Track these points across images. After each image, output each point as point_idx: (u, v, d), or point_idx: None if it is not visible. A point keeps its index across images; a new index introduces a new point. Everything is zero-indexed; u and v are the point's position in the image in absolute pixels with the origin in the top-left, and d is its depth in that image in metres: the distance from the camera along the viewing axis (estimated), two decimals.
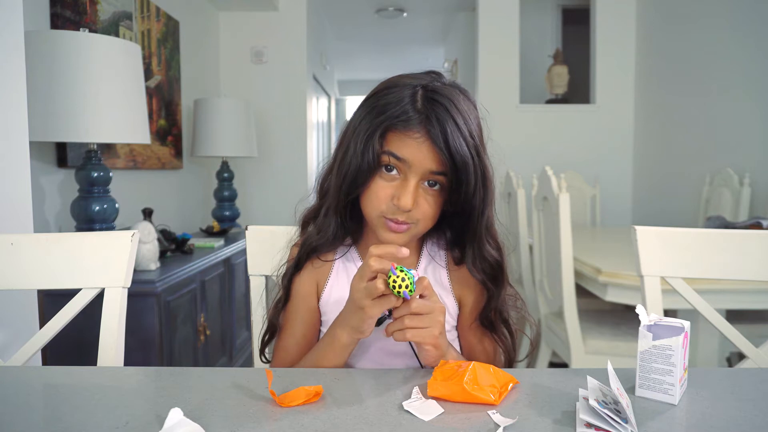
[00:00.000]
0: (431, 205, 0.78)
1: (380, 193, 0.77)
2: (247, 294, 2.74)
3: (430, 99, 0.74)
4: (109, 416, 0.59)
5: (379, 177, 0.77)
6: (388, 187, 0.77)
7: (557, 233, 1.87)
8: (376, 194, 0.77)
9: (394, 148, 0.75)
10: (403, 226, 0.77)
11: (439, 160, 0.74)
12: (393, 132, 0.75)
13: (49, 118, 1.56)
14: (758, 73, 2.58)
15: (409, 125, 0.74)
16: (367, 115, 0.77)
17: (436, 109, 0.73)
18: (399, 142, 0.75)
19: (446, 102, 0.74)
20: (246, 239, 1.03)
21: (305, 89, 3.86)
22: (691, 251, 0.94)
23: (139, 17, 2.56)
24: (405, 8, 5.01)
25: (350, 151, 0.78)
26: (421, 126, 0.74)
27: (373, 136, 0.75)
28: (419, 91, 0.75)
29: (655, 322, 0.64)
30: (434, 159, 0.74)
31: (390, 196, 0.76)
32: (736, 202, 2.59)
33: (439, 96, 0.74)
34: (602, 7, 3.90)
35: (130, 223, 2.15)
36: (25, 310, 1.23)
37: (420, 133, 0.74)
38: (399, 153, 0.75)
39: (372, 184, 0.78)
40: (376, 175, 0.77)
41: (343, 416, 0.58)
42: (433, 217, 0.79)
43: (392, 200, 0.76)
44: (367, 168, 0.76)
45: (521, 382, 0.67)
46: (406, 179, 0.75)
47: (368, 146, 0.75)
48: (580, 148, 3.91)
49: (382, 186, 0.77)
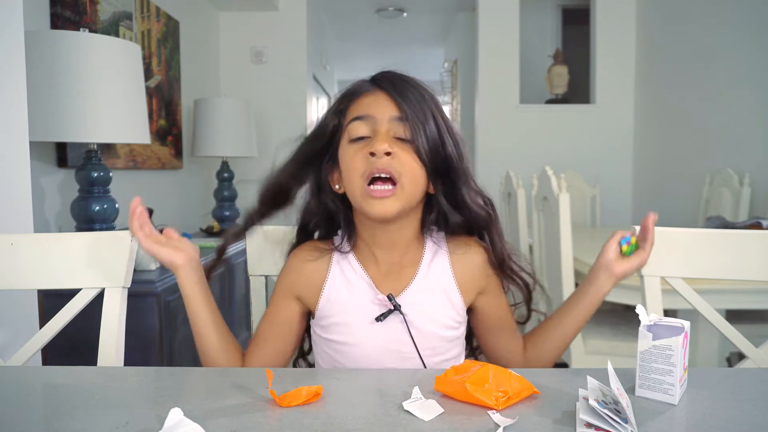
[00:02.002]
0: (411, 158, 0.76)
1: (355, 156, 0.77)
2: (247, 294, 2.74)
3: (381, 72, 0.82)
4: (109, 416, 0.59)
5: (349, 148, 0.78)
6: (361, 149, 0.77)
7: (557, 233, 1.87)
8: (351, 160, 0.77)
9: (354, 112, 0.79)
10: (388, 188, 0.75)
11: (397, 106, 0.77)
12: (351, 105, 0.80)
13: (49, 118, 1.56)
14: (758, 73, 2.58)
15: (362, 89, 0.81)
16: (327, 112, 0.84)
17: (386, 74, 0.81)
18: (358, 106, 0.79)
19: (396, 71, 0.81)
20: (246, 239, 1.03)
21: (305, 89, 3.86)
22: (691, 251, 0.94)
23: (139, 17, 2.56)
24: (405, 8, 5.01)
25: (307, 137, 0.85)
26: (373, 85, 0.80)
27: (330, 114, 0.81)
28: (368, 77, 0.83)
29: (655, 322, 0.64)
30: (393, 106, 0.77)
31: (365, 154, 0.76)
32: (736, 202, 2.59)
33: (389, 70, 0.82)
34: (602, 7, 3.90)
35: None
36: (25, 310, 1.23)
37: (374, 90, 0.80)
38: (358, 113, 0.78)
39: (343, 158, 0.79)
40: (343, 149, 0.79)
41: (343, 416, 0.58)
42: (417, 170, 0.76)
43: (366, 156, 0.75)
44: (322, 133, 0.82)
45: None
46: (375, 132, 0.77)
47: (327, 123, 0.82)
48: (580, 148, 3.91)
49: (354, 150, 0.77)
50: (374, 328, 0.81)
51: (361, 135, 0.77)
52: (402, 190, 0.75)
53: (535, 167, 3.54)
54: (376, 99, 0.78)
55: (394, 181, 0.75)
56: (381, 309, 0.81)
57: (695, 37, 3.12)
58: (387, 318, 0.80)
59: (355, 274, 0.84)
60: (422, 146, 0.76)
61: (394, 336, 0.81)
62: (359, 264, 0.84)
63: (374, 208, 0.75)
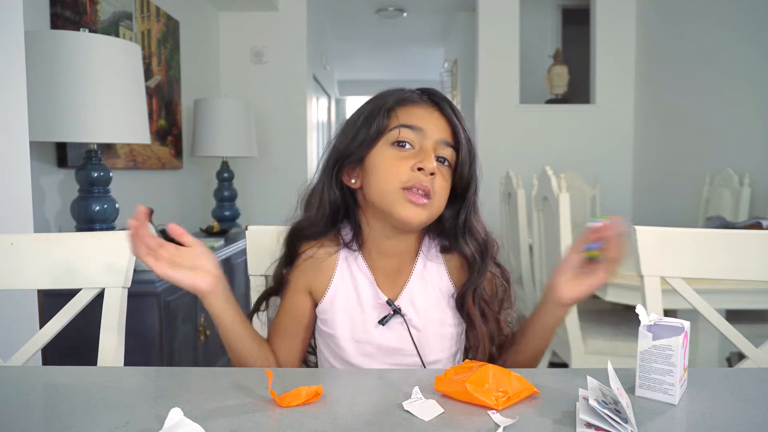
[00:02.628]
0: (444, 180, 0.79)
1: (399, 163, 0.76)
2: (247, 294, 2.73)
3: (428, 91, 0.82)
4: (109, 416, 0.59)
5: (391, 151, 0.77)
6: (405, 158, 0.77)
7: (557, 233, 1.87)
8: (393, 165, 0.76)
9: (406, 119, 0.78)
10: (425, 200, 0.76)
11: (449, 131, 0.79)
12: (402, 107, 0.79)
13: (49, 118, 1.56)
14: (758, 73, 2.58)
15: (416, 101, 0.80)
16: (368, 106, 0.81)
17: (435, 94, 0.81)
18: (409, 114, 0.78)
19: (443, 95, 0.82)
20: (246, 239, 1.03)
21: (305, 89, 3.86)
22: (691, 251, 0.94)
23: (139, 17, 2.56)
24: (405, 8, 5.01)
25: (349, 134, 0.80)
26: (428, 101, 0.80)
27: (379, 113, 0.78)
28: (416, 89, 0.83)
29: (655, 322, 0.64)
30: (445, 128, 0.79)
31: (409, 165, 0.76)
32: (736, 202, 2.59)
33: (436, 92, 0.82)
34: (602, 7, 3.90)
35: None
36: (25, 310, 1.23)
37: (429, 106, 0.80)
38: (411, 122, 0.77)
39: (381, 158, 0.78)
40: (382, 150, 0.78)
41: (343, 416, 0.58)
42: (445, 195, 0.80)
43: (412, 168, 0.76)
44: (365, 140, 0.78)
45: None
46: (422, 147, 0.77)
47: (373, 120, 0.78)
48: (580, 148, 3.91)
49: (398, 156, 0.77)
50: (375, 326, 0.82)
51: (407, 142, 0.77)
52: (432, 205, 0.78)
53: (535, 167, 3.54)
54: (431, 115, 0.79)
55: (429, 196, 0.77)
56: (381, 310, 0.82)
57: (695, 37, 3.12)
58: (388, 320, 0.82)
59: (360, 273, 0.85)
60: (461, 176, 0.80)
61: (394, 334, 0.82)
62: (365, 262, 0.85)
63: (408, 212, 0.76)
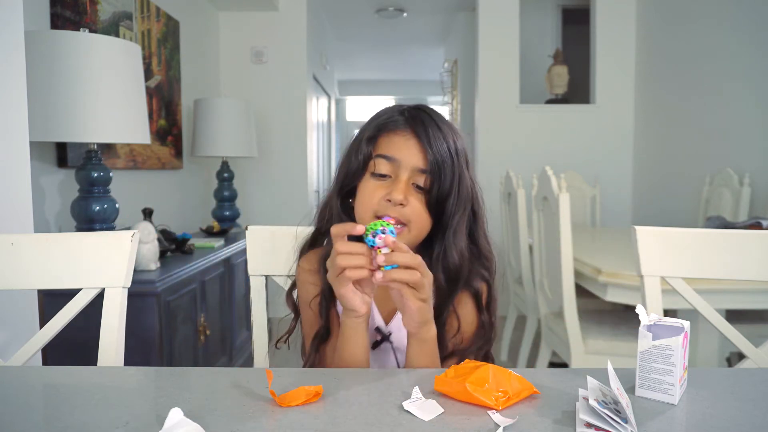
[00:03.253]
0: (421, 205, 0.81)
1: (373, 193, 0.82)
2: (247, 294, 2.74)
3: (416, 110, 0.85)
4: (109, 416, 0.59)
5: (369, 181, 0.83)
6: (380, 187, 0.82)
7: (557, 233, 1.87)
8: (369, 194, 0.82)
9: (383, 149, 0.82)
10: (398, 230, 0.79)
11: (424, 158, 0.81)
12: (382, 136, 0.84)
13: (49, 118, 1.56)
14: (758, 73, 2.58)
15: (396, 126, 0.83)
16: (359, 132, 0.87)
17: (420, 116, 0.83)
18: (388, 142, 0.83)
19: (430, 112, 0.84)
20: (246, 239, 1.03)
21: (305, 89, 3.86)
22: (691, 251, 0.94)
23: (139, 17, 2.56)
24: (405, 8, 5.01)
25: (344, 162, 0.87)
26: (407, 126, 0.83)
27: (362, 140, 0.84)
28: (406, 107, 0.86)
29: (655, 322, 0.64)
30: (420, 156, 0.81)
31: (382, 195, 0.81)
32: (736, 202, 2.59)
33: (423, 110, 0.85)
34: (602, 7, 3.90)
35: (130, 223, 2.15)
36: (25, 310, 1.23)
37: (406, 132, 0.82)
38: (388, 153, 0.82)
39: (363, 187, 0.83)
40: (366, 177, 0.83)
41: (343, 416, 0.58)
42: (424, 218, 0.82)
43: (384, 199, 0.80)
44: (357, 168, 0.84)
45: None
46: (397, 177, 0.81)
47: (359, 150, 0.84)
48: (580, 148, 3.91)
49: (374, 186, 0.82)
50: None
51: (383, 173, 0.82)
52: (409, 232, 0.81)
53: (535, 167, 3.55)
54: (407, 143, 0.82)
55: (404, 223, 0.80)
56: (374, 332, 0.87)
57: (695, 37, 3.12)
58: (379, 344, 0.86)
59: None
60: (432, 199, 0.81)
61: (382, 356, 0.87)
62: None
63: None
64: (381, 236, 0.69)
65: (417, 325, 0.75)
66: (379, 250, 0.69)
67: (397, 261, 0.69)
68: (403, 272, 0.69)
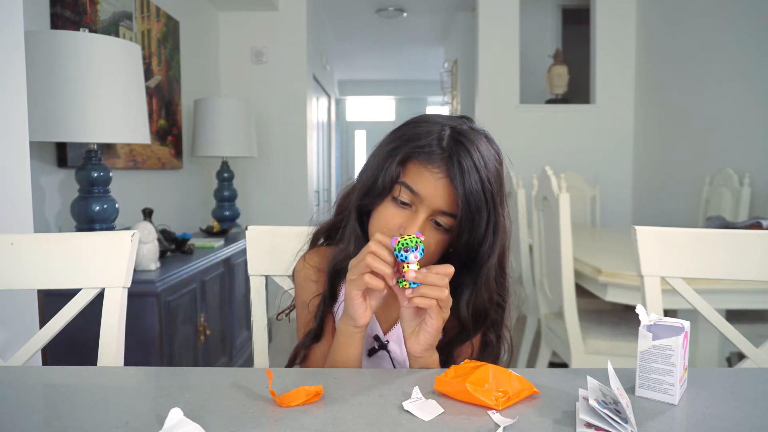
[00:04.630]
0: (436, 243, 0.77)
1: (389, 220, 0.77)
2: (247, 294, 2.74)
3: (456, 140, 0.75)
4: (109, 416, 0.59)
5: (391, 203, 0.78)
6: (398, 216, 0.77)
7: (557, 233, 1.87)
8: (384, 220, 0.78)
9: (410, 180, 0.76)
10: None
11: (452, 202, 0.75)
12: (413, 162, 0.76)
13: (49, 118, 1.56)
14: (758, 73, 2.58)
15: (431, 158, 0.75)
16: (393, 140, 0.79)
17: (459, 150, 0.74)
18: (417, 174, 0.76)
19: (470, 146, 0.75)
20: (246, 239, 1.03)
21: (305, 89, 3.86)
22: (691, 251, 0.94)
23: (139, 17, 2.56)
24: (405, 8, 5.01)
25: (370, 168, 0.80)
26: (442, 163, 0.74)
27: (394, 159, 0.76)
28: (447, 130, 0.76)
29: (655, 322, 0.64)
30: (447, 199, 0.75)
31: (398, 225, 0.76)
32: (736, 202, 2.59)
33: (465, 139, 0.76)
34: (602, 7, 3.90)
35: (130, 223, 2.15)
36: (25, 310, 1.23)
37: (440, 170, 0.74)
38: (414, 186, 0.75)
39: (382, 209, 0.78)
40: (387, 199, 0.78)
41: (343, 416, 0.58)
42: (436, 255, 0.79)
43: (399, 230, 0.76)
44: (381, 187, 0.77)
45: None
46: (417, 212, 0.76)
47: (387, 167, 0.77)
48: (580, 148, 3.91)
49: (393, 213, 0.77)
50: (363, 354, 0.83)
51: (405, 201, 0.77)
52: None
53: (535, 167, 3.54)
54: (436, 182, 0.74)
55: None
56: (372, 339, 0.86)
57: (695, 38, 3.12)
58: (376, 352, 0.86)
59: None
60: (461, 245, 0.77)
61: (379, 364, 0.86)
62: None
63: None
64: (415, 253, 0.69)
65: (424, 347, 0.73)
66: (407, 266, 0.69)
67: (427, 281, 0.68)
68: (434, 289, 0.69)
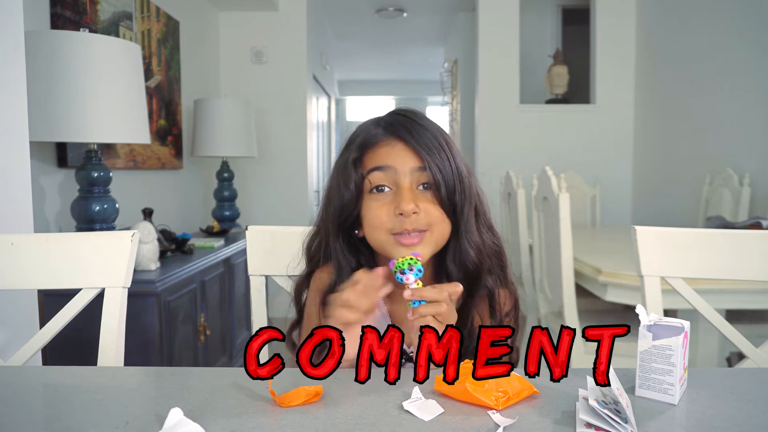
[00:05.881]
0: (434, 205, 0.77)
1: (379, 212, 0.76)
2: (247, 294, 2.74)
3: (392, 115, 0.81)
4: (109, 416, 0.59)
5: (371, 200, 0.78)
6: (385, 204, 0.76)
7: (557, 233, 1.87)
8: (376, 215, 0.77)
9: (371, 163, 0.78)
10: (417, 238, 0.76)
11: (418, 157, 0.76)
12: (366, 154, 0.79)
13: (49, 118, 1.56)
14: (758, 73, 2.58)
15: (377, 138, 0.79)
16: (340, 156, 0.82)
17: (396, 119, 0.80)
18: (374, 156, 0.78)
19: (404, 112, 0.81)
20: (246, 239, 1.03)
21: (305, 89, 3.86)
22: (691, 251, 0.94)
23: (139, 17, 2.56)
24: (405, 8, 5.01)
25: (333, 190, 0.81)
26: (388, 134, 0.79)
27: (349, 165, 0.78)
28: (380, 117, 0.82)
29: (655, 322, 0.64)
30: (413, 156, 0.77)
31: (390, 210, 0.76)
32: (736, 202, 2.59)
33: (397, 113, 0.81)
34: (602, 7, 3.90)
35: (130, 223, 2.15)
36: (25, 310, 1.23)
37: (390, 140, 0.78)
38: (377, 163, 0.77)
39: (366, 210, 0.78)
40: (365, 200, 0.78)
41: (343, 416, 0.58)
42: (442, 218, 0.77)
43: (394, 212, 0.75)
44: (351, 197, 0.78)
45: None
46: (398, 186, 0.76)
47: (349, 176, 0.78)
48: (580, 148, 3.91)
49: (378, 205, 0.77)
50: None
51: (382, 184, 0.77)
52: (431, 235, 0.77)
53: (535, 167, 3.54)
54: (394, 148, 0.77)
55: (424, 229, 0.76)
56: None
57: (695, 37, 3.12)
58: None
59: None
60: (444, 194, 0.77)
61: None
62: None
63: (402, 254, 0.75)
64: (408, 275, 0.70)
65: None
66: (407, 285, 0.70)
67: (423, 296, 0.69)
68: (429, 306, 0.69)
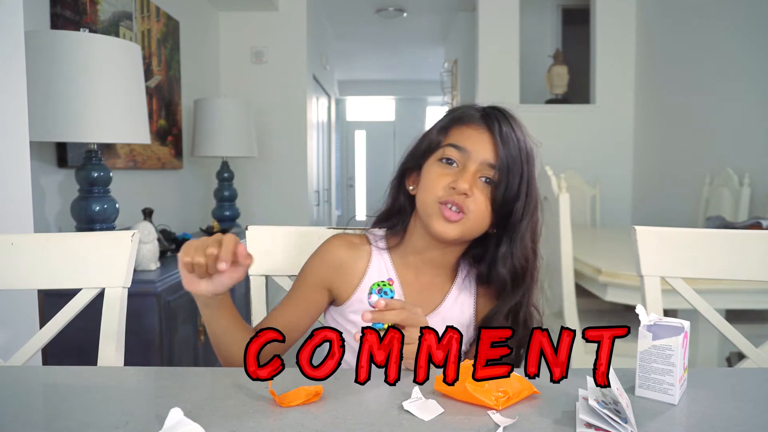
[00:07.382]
0: (485, 200, 0.81)
1: (438, 179, 0.81)
2: (247, 294, 2.73)
3: (492, 108, 0.86)
4: (109, 416, 0.59)
5: (436, 166, 0.83)
6: (447, 175, 0.81)
7: (557, 233, 1.87)
8: (433, 180, 0.82)
9: (454, 139, 0.83)
10: (457, 216, 0.80)
11: (495, 153, 0.81)
12: (455, 127, 0.84)
13: (49, 118, 1.56)
14: (758, 73, 2.58)
15: (471, 119, 0.84)
16: (436, 123, 0.88)
17: (496, 114, 0.84)
18: (460, 134, 0.83)
19: (505, 112, 0.85)
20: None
21: (305, 89, 3.86)
22: (691, 251, 0.94)
23: (139, 17, 2.56)
24: (405, 8, 5.01)
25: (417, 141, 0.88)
26: (482, 121, 0.83)
27: (434, 130, 0.86)
28: (483, 106, 0.87)
29: (655, 322, 0.64)
30: (491, 150, 0.81)
31: (448, 182, 0.80)
32: (736, 202, 2.59)
33: (499, 109, 0.85)
34: (602, 7, 3.90)
35: (130, 223, 2.15)
36: (25, 310, 1.23)
37: (480, 126, 0.83)
38: (459, 143, 0.82)
39: (427, 172, 0.84)
40: (430, 162, 0.84)
41: (343, 416, 0.58)
42: (485, 214, 0.81)
43: (449, 185, 0.80)
44: (422, 152, 0.85)
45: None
46: (465, 168, 0.81)
47: (433, 135, 0.86)
48: (580, 148, 3.91)
49: (440, 173, 0.82)
50: None
51: (451, 159, 0.82)
52: (467, 221, 0.81)
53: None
54: (480, 136, 0.82)
55: (464, 212, 0.80)
56: None
57: (695, 37, 3.12)
58: None
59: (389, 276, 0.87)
60: (499, 196, 0.81)
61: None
62: (393, 267, 0.88)
63: (439, 227, 0.81)
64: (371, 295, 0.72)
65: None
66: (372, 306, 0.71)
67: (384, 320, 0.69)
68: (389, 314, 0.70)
